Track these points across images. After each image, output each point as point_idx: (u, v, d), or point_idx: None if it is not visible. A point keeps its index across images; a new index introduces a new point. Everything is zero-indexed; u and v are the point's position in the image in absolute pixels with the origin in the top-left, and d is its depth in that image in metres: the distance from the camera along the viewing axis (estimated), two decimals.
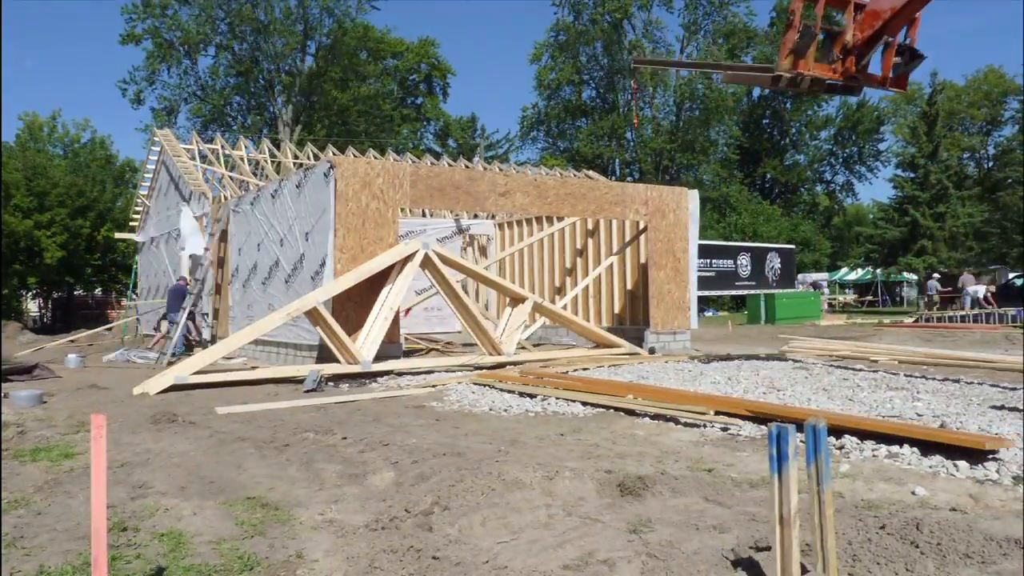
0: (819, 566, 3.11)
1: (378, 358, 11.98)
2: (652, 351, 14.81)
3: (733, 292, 36.06)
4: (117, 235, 27.63)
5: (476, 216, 19.75)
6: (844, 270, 49.69)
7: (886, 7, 7.36)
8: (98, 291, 37.68)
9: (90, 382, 11.31)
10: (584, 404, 8.15)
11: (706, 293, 33.78)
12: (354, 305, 12.16)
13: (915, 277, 39.22)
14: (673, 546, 3.70)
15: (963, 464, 5.12)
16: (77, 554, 3.78)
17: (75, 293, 35.99)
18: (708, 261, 33.51)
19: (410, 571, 3.53)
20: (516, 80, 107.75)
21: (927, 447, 5.52)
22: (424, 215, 19.83)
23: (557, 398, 8.53)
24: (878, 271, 41.92)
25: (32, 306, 39.22)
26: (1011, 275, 38.63)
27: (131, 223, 26.04)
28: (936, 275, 32.79)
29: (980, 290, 28.91)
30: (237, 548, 3.86)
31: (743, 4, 49.37)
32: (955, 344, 15.11)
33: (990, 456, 5.21)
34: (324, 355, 11.92)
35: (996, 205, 45.95)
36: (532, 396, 8.80)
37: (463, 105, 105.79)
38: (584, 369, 11.56)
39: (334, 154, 19.04)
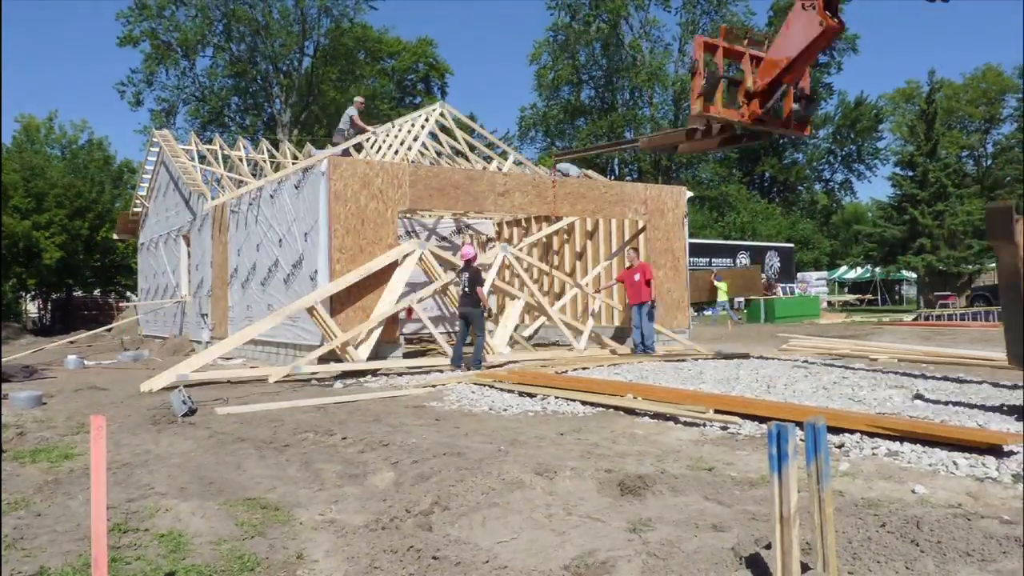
0: (819, 564, 3.11)
1: (376, 358, 12.05)
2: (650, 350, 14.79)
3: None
4: (116, 236, 27.64)
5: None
6: (843, 268, 49.74)
7: (782, 57, 8.10)
8: (96, 292, 37.67)
9: (89, 383, 11.31)
10: (584, 403, 8.15)
11: None
12: (353, 305, 12.18)
13: (914, 275, 39.23)
14: (673, 545, 3.70)
15: (963, 462, 5.12)
16: (77, 555, 3.77)
17: (74, 294, 35.98)
18: (708, 260, 33.58)
19: (410, 571, 3.53)
20: (515, 80, 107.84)
21: (945, 446, 5.49)
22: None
23: (557, 397, 8.52)
24: (877, 270, 41.94)
25: (31, 307, 39.23)
26: None
27: (130, 224, 26.03)
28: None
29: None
30: (237, 549, 3.86)
31: (741, 3, 49.46)
32: (954, 342, 15.12)
33: (1008, 453, 5.21)
34: (326, 354, 11.92)
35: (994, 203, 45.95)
36: (532, 396, 8.79)
37: (462, 105, 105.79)
38: (584, 368, 11.56)
39: (333, 155, 19.00)
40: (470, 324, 11.95)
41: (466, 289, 11.89)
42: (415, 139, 17.08)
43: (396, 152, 16.31)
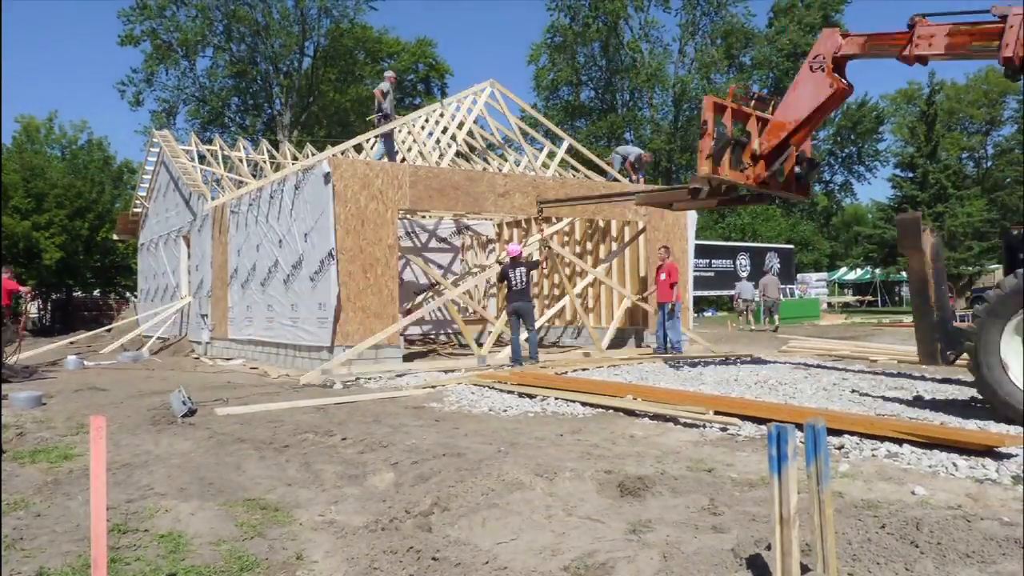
0: (819, 566, 3.11)
1: (376, 359, 12.10)
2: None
3: (732, 292, 36.12)
4: (116, 236, 27.64)
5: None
6: (843, 269, 49.74)
7: (790, 119, 8.05)
8: (96, 292, 37.65)
9: (89, 384, 11.31)
10: (583, 404, 8.15)
11: (706, 293, 33.87)
12: (352, 306, 12.19)
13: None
14: (673, 546, 3.70)
15: (962, 464, 5.12)
16: (77, 556, 3.77)
17: (74, 295, 35.97)
18: (708, 261, 33.59)
19: (410, 572, 3.53)
20: (514, 81, 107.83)
21: (941, 447, 5.50)
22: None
23: (556, 398, 8.52)
24: (877, 271, 41.92)
25: (31, 308, 39.17)
26: None
27: (130, 224, 26.02)
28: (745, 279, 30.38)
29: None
30: (237, 549, 3.86)
31: (741, 4, 49.28)
32: None
33: (1005, 455, 5.21)
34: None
35: (995, 205, 46.03)
36: (531, 396, 8.79)
37: None
38: (583, 369, 11.56)
39: (333, 155, 18.98)
40: (522, 319, 12.05)
41: (521, 284, 12.04)
42: (459, 126, 15.96)
43: (438, 141, 15.79)
